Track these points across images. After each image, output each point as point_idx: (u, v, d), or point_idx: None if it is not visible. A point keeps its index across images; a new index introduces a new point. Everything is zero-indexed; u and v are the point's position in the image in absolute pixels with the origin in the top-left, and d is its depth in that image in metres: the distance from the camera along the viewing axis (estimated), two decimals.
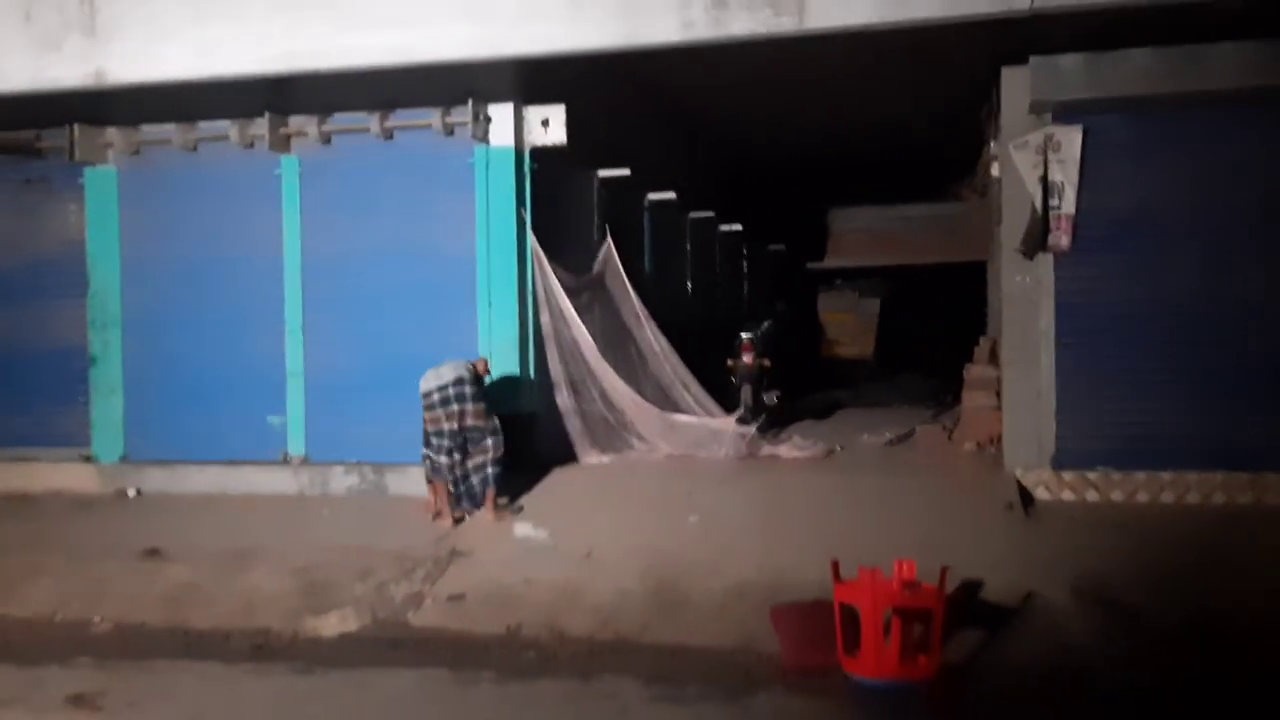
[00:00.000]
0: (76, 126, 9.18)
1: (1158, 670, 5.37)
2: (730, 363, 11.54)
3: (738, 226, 15.14)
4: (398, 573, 6.99)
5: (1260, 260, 7.72)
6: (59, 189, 9.66)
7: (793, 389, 13.35)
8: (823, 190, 18.07)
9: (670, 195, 11.98)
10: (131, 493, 9.34)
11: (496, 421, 7.85)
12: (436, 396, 7.74)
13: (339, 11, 7.29)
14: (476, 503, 7.92)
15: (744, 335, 11.68)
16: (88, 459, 9.59)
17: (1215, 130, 7.71)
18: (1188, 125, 7.73)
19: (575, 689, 5.28)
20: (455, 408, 7.70)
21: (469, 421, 7.74)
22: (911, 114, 12.20)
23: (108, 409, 9.56)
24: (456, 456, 7.80)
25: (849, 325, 21.25)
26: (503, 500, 8.01)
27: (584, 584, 6.72)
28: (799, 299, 20.10)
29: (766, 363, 11.62)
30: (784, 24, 6.56)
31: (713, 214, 14.03)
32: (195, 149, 9.28)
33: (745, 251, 17.05)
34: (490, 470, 7.83)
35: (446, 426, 7.73)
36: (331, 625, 6.42)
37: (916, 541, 6.48)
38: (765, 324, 12.70)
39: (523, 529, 7.55)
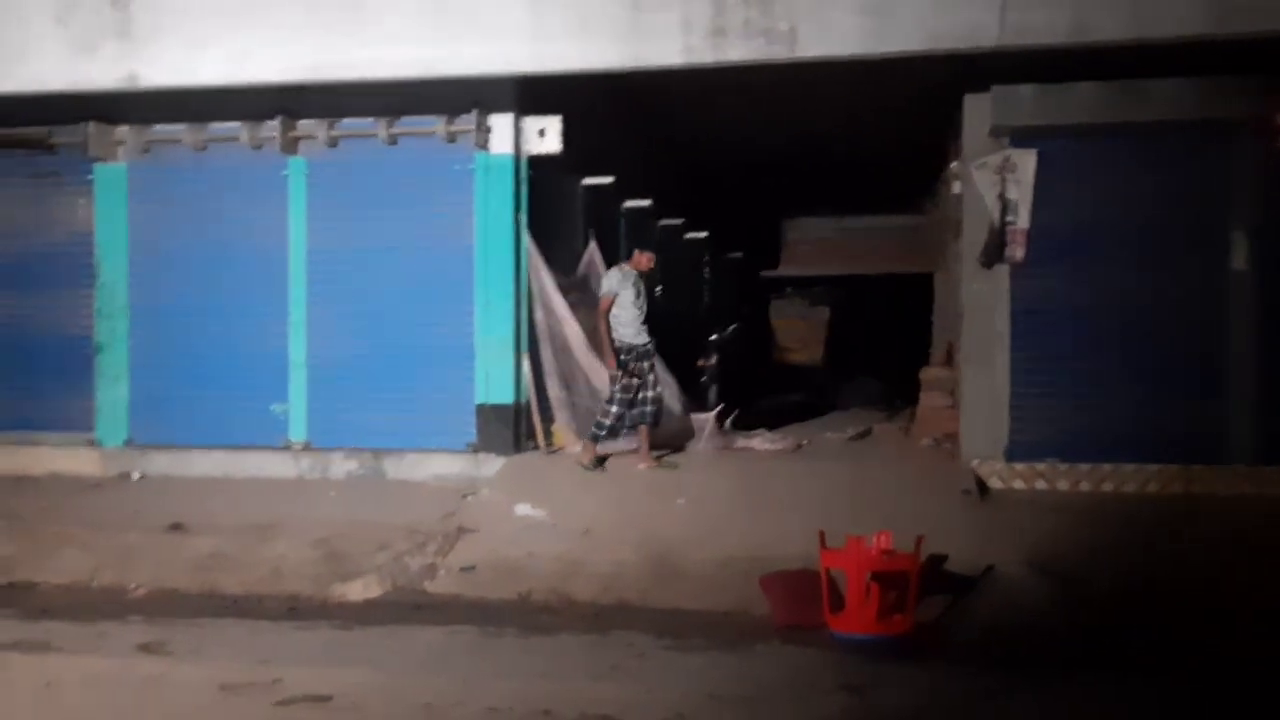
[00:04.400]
0: (91, 124, 9.61)
1: (1096, 626, 6.13)
2: (700, 362, 12.27)
3: (703, 234, 15.83)
4: (411, 546, 7.57)
5: (1185, 271, 8.54)
6: (69, 183, 10.02)
7: (751, 391, 14.08)
8: (779, 201, 18.86)
9: (646, 202, 12.63)
10: (135, 475, 9.77)
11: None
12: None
13: (363, 28, 7.89)
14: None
15: (714, 337, 12.43)
16: (91, 443, 9.98)
17: (1148, 155, 8.52)
18: (1125, 150, 8.53)
19: (594, 640, 5.90)
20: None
21: None
22: (873, 130, 12.98)
23: (113, 394, 9.97)
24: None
25: (800, 331, 22.10)
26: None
27: (584, 557, 7.35)
28: (753, 305, 20.93)
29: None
30: (776, 52, 7.28)
31: (681, 221, 14.72)
32: (205, 149, 9.75)
33: (707, 258, 17.76)
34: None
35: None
36: (357, 591, 6.98)
37: (884, 522, 7.04)
38: (732, 327, 13.46)
39: (522, 508, 8.16)
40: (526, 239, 9.48)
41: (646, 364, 8.92)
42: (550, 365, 9.68)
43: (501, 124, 9.31)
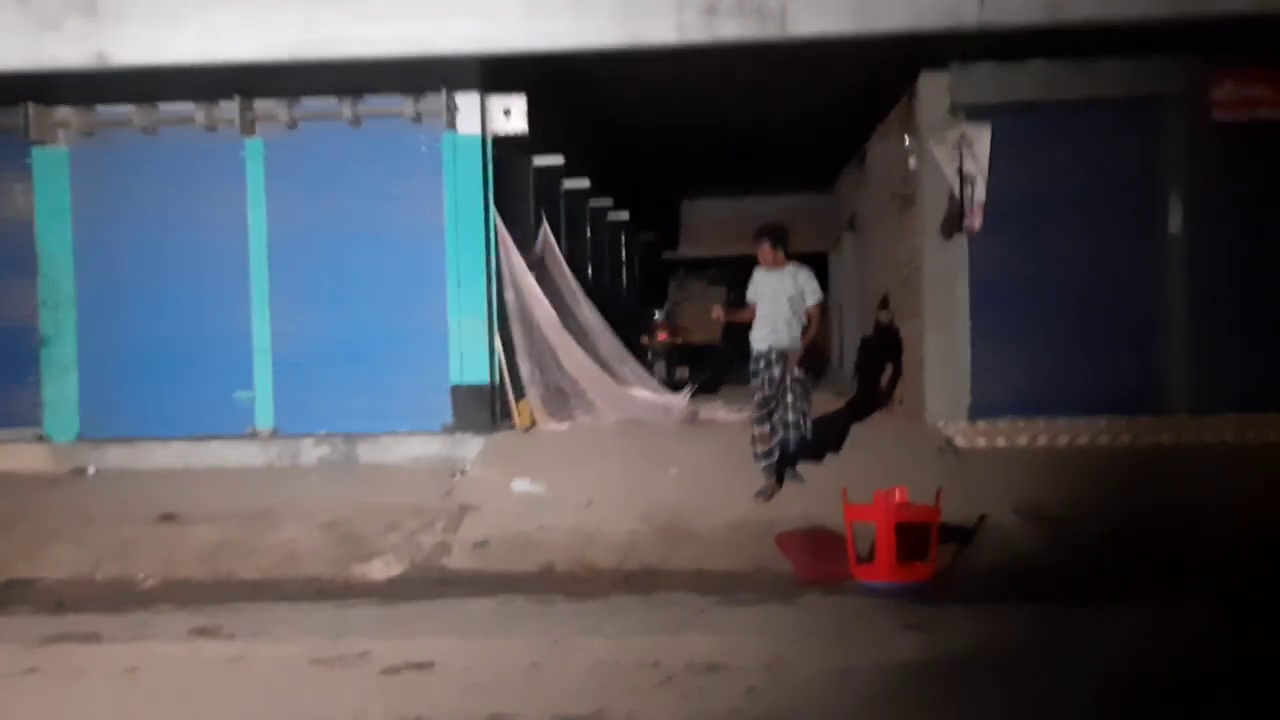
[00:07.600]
0: (30, 106, 9.18)
1: (1084, 562, 6.67)
2: (645, 340, 12.48)
3: (625, 215, 15.99)
4: (420, 525, 7.57)
5: (1129, 236, 9.19)
6: (3, 168, 9.57)
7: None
8: (680, 182, 19.11)
9: (584, 183, 12.72)
10: (90, 470, 9.41)
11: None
12: None
13: (350, 4, 7.76)
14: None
15: (657, 315, 12.66)
16: (40, 438, 9.57)
17: (1092, 128, 9.14)
18: (1071, 124, 9.12)
19: (643, 600, 6.05)
20: None
21: None
22: (792, 109, 13.19)
23: (61, 388, 9.57)
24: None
25: (698, 312, 22.48)
26: None
27: (595, 527, 7.49)
28: (657, 286, 21.22)
29: (678, 340, 12.64)
30: (768, 30, 7.52)
31: (610, 202, 14.85)
32: (156, 131, 9.42)
33: (624, 238, 17.93)
34: None
35: None
36: (379, 570, 6.96)
37: (872, 479, 7.38)
38: (667, 305, 13.72)
39: (520, 484, 8.23)
40: (496, 219, 9.51)
41: (776, 372, 7.63)
42: (521, 345, 9.75)
43: (468, 103, 9.31)
